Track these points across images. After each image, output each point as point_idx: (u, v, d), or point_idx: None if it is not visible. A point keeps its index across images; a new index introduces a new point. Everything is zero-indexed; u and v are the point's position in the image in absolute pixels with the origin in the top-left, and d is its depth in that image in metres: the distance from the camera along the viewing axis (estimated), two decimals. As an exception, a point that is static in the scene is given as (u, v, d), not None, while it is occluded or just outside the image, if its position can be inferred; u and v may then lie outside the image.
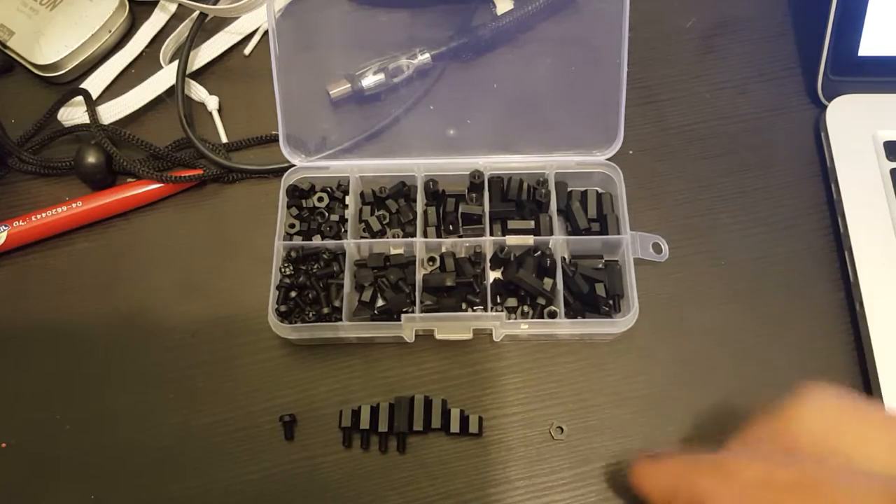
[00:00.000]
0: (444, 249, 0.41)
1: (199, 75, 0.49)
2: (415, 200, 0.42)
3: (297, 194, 0.43)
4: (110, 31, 0.49)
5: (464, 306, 0.40)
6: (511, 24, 0.45)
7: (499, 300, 0.40)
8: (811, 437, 0.27)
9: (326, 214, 0.42)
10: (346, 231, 0.41)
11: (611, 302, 0.39)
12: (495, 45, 0.46)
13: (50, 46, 0.47)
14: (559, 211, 0.41)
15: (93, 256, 0.44)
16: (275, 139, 0.44)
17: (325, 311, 0.40)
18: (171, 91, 0.47)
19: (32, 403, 0.40)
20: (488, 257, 0.40)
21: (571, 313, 0.39)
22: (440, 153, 0.42)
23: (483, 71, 0.46)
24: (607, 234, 0.40)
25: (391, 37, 0.45)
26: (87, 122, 0.45)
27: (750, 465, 0.26)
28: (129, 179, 0.45)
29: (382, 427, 0.37)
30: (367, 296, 0.40)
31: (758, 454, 0.27)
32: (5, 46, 0.48)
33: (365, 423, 0.37)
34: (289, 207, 0.42)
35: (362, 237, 0.42)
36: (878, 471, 0.25)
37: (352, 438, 0.37)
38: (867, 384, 0.38)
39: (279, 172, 0.43)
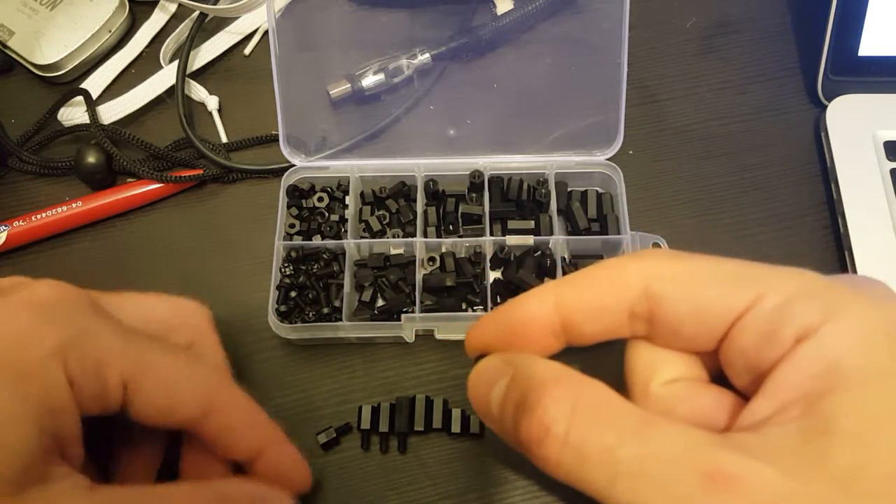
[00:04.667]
0: (444, 249, 0.41)
1: (199, 75, 0.49)
2: (415, 200, 0.42)
3: (297, 194, 0.43)
4: (110, 31, 0.49)
5: (464, 306, 0.40)
6: (511, 24, 0.45)
7: (499, 300, 0.40)
8: None
9: (326, 214, 0.42)
10: (346, 231, 0.41)
11: (611, 302, 0.39)
12: (495, 45, 0.45)
13: (50, 46, 0.47)
14: (559, 211, 0.41)
15: (93, 256, 0.43)
16: (275, 139, 0.44)
17: (325, 311, 0.40)
18: (171, 91, 0.47)
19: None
20: (488, 257, 0.40)
21: (571, 313, 0.38)
22: (440, 153, 0.42)
23: (483, 71, 0.46)
24: (607, 234, 0.40)
25: (391, 37, 0.45)
26: (87, 122, 0.45)
27: None
28: (129, 179, 0.45)
29: (383, 427, 0.37)
30: (367, 296, 0.40)
31: None
32: (5, 46, 0.48)
33: (366, 423, 0.37)
34: (289, 207, 0.42)
35: (362, 237, 0.42)
36: None
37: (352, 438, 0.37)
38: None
39: (279, 172, 0.43)
